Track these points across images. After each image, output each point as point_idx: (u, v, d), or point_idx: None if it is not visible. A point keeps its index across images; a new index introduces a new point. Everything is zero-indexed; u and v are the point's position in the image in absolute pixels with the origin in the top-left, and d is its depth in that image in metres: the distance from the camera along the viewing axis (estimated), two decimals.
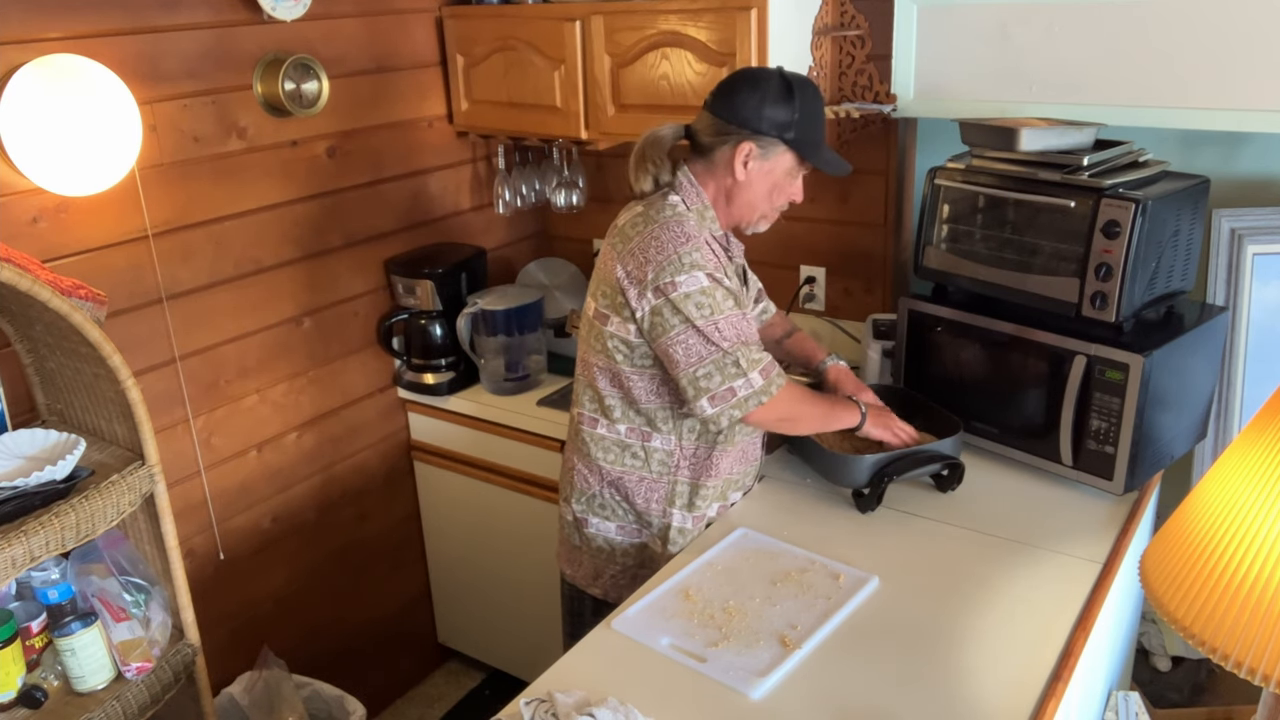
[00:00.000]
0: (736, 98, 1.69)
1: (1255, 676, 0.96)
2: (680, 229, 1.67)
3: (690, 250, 1.65)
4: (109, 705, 1.71)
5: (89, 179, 1.91)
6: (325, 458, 2.58)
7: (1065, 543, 1.72)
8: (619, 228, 1.75)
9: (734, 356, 1.66)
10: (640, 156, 1.74)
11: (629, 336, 1.72)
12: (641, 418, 1.79)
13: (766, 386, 1.68)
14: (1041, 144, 1.84)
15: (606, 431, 1.81)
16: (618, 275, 1.70)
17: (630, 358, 1.74)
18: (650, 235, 1.67)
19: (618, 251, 1.71)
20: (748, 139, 1.69)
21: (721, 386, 1.66)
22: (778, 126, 1.69)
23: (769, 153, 1.71)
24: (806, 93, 1.71)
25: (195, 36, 2.11)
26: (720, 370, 1.66)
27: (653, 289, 1.66)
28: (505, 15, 2.49)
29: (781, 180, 1.75)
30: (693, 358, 1.66)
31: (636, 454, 1.80)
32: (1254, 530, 0.98)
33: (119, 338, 2.01)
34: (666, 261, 1.65)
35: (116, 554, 1.78)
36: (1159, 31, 1.89)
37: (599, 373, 1.79)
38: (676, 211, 1.70)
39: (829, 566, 1.67)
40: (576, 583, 1.93)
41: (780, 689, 1.41)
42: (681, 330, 1.65)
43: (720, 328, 1.65)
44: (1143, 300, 1.78)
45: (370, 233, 2.57)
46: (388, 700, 2.89)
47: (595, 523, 1.86)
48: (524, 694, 1.38)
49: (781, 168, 1.74)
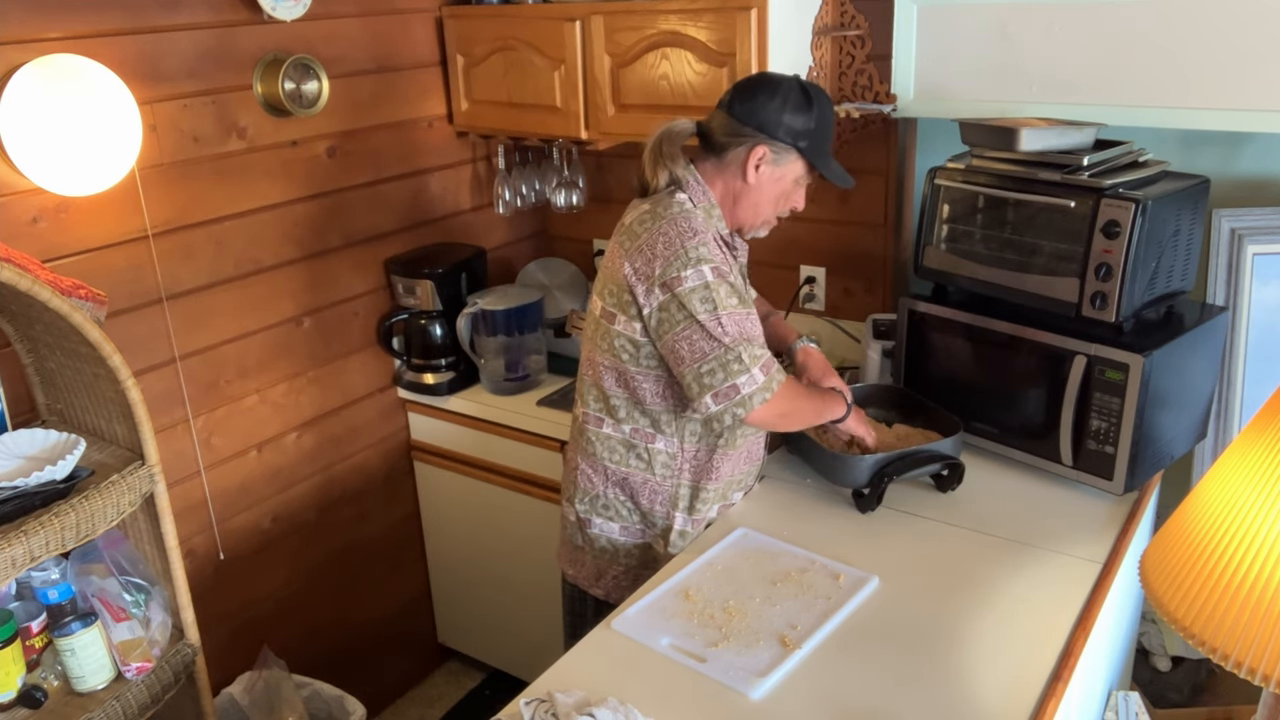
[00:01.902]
0: (756, 100, 1.70)
1: (1255, 676, 0.96)
2: (688, 224, 1.67)
3: (697, 245, 1.66)
4: (109, 705, 1.71)
5: (89, 179, 1.91)
6: (325, 458, 2.58)
7: (1065, 543, 1.72)
8: (626, 226, 1.75)
9: (736, 352, 1.66)
10: (656, 150, 1.74)
11: (635, 335, 1.72)
12: (646, 419, 1.79)
13: (768, 383, 1.68)
14: (1041, 144, 1.84)
15: (612, 431, 1.81)
16: (625, 273, 1.70)
17: (636, 357, 1.74)
18: (658, 231, 1.68)
19: (625, 249, 1.71)
20: (763, 143, 1.70)
21: (725, 384, 1.66)
22: (793, 134, 1.70)
23: (781, 159, 1.72)
24: (823, 103, 1.73)
25: (195, 36, 2.11)
26: (724, 367, 1.66)
27: (660, 284, 1.66)
28: (505, 15, 2.49)
29: (789, 187, 1.77)
30: (697, 354, 1.66)
31: (641, 455, 1.80)
32: (1254, 530, 0.98)
33: (119, 338, 2.01)
34: (674, 256, 1.65)
35: (116, 554, 1.78)
36: (1159, 31, 1.89)
37: (605, 372, 1.79)
38: (684, 208, 1.70)
39: (829, 566, 1.67)
40: (578, 583, 1.93)
41: (780, 689, 1.41)
42: (686, 326, 1.65)
43: (724, 323, 1.65)
44: (1143, 300, 1.78)
45: (370, 233, 2.57)
46: (388, 700, 2.88)
47: (598, 523, 1.86)
48: (524, 694, 1.38)
49: (791, 175, 1.75)
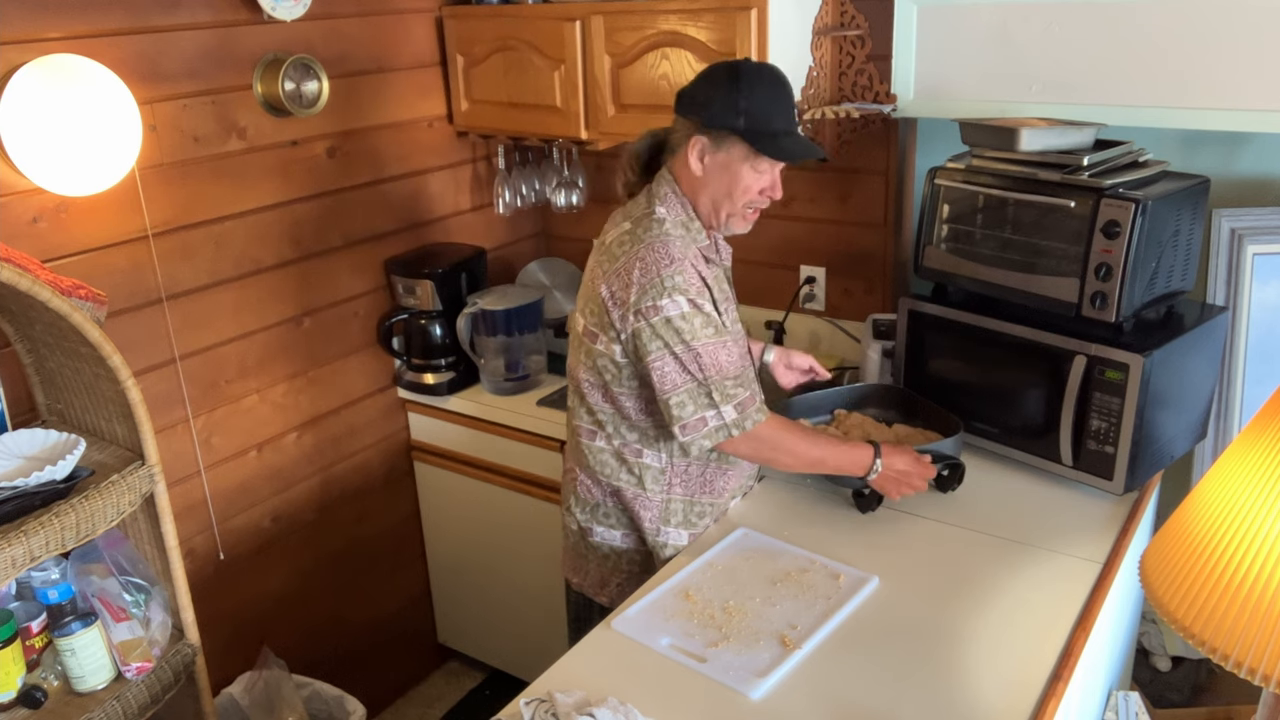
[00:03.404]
0: (694, 90, 1.66)
1: (1255, 676, 0.96)
2: (665, 250, 1.64)
3: (674, 273, 1.62)
4: (109, 705, 1.71)
5: (89, 179, 1.91)
6: (325, 458, 2.58)
7: (1065, 543, 1.72)
8: (606, 245, 1.73)
9: (707, 388, 1.63)
10: (631, 156, 1.79)
11: (616, 356, 1.70)
12: (634, 433, 1.77)
13: (739, 420, 1.65)
14: (1041, 144, 1.84)
15: (604, 444, 1.79)
16: (602, 295, 1.68)
17: (619, 377, 1.72)
18: (635, 256, 1.65)
19: (604, 270, 1.69)
20: (697, 131, 1.65)
21: (693, 416, 1.64)
22: (727, 115, 1.62)
23: (720, 144, 1.65)
24: (757, 79, 1.63)
25: (195, 36, 2.11)
26: (693, 399, 1.64)
27: (634, 311, 1.63)
28: (505, 15, 2.49)
29: (741, 173, 1.66)
30: (667, 384, 1.64)
31: (632, 469, 1.78)
32: (1254, 530, 0.98)
33: (119, 338, 2.00)
34: (649, 284, 1.62)
35: (116, 554, 1.78)
36: (1159, 31, 1.88)
37: (590, 388, 1.77)
38: (663, 229, 1.67)
39: (829, 566, 1.67)
40: (584, 591, 1.91)
41: (780, 689, 1.41)
42: (659, 355, 1.63)
43: (699, 355, 1.62)
44: (1143, 300, 1.78)
45: (370, 233, 2.57)
46: (388, 700, 2.88)
47: (600, 531, 1.84)
48: (524, 694, 1.38)
49: (737, 159, 1.65)
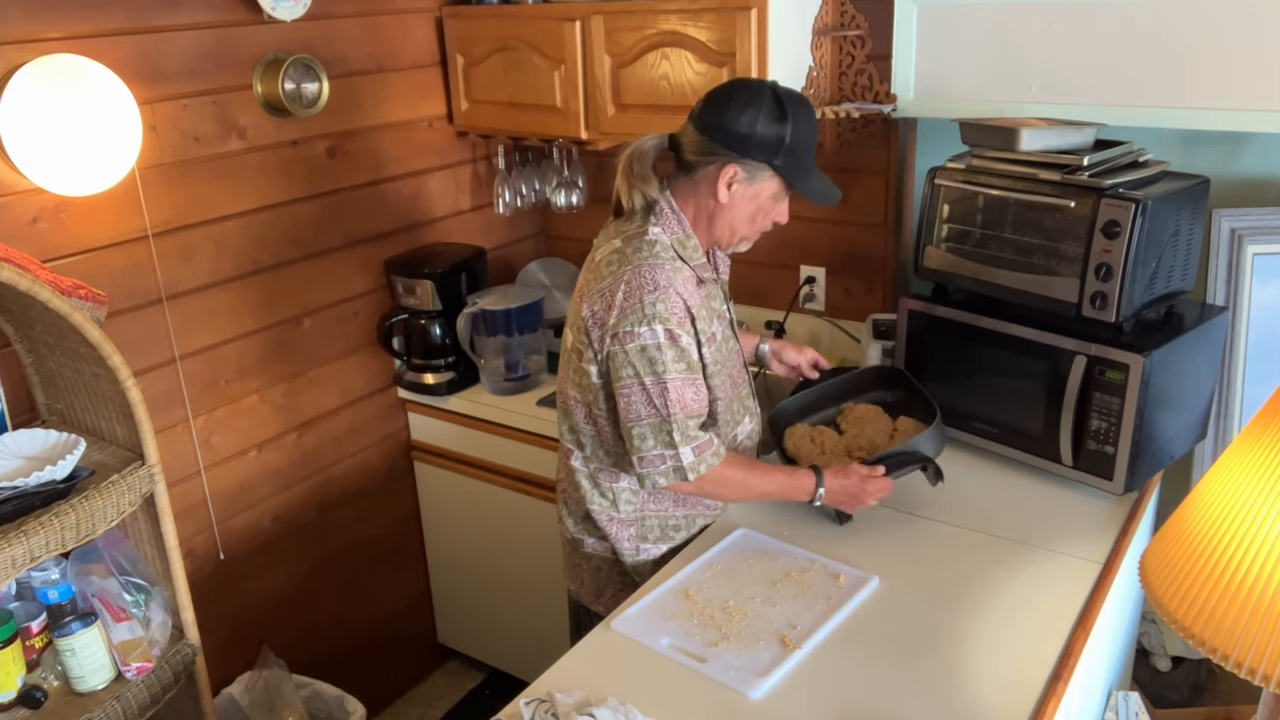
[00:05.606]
0: (725, 115, 1.58)
1: (1255, 676, 0.96)
2: (651, 275, 1.59)
3: (655, 300, 1.57)
4: (109, 705, 1.71)
5: (89, 179, 1.91)
6: (325, 458, 2.58)
7: (1065, 543, 1.72)
8: (595, 263, 1.69)
9: (669, 426, 1.60)
10: (627, 171, 1.64)
11: (593, 377, 1.68)
12: (610, 458, 1.74)
13: (695, 464, 1.63)
14: (1041, 144, 1.84)
15: (580, 465, 1.77)
16: (584, 314, 1.65)
17: (598, 398, 1.69)
18: (620, 278, 1.60)
19: (590, 289, 1.66)
20: (733, 161, 1.59)
21: (652, 451, 1.62)
22: (767, 150, 1.58)
23: (755, 177, 1.61)
24: (800, 114, 1.60)
25: (195, 36, 2.11)
26: (654, 434, 1.61)
27: (611, 335, 1.60)
28: (505, 15, 2.49)
29: (766, 205, 1.66)
30: (632, 414, 1.62)
31: (605, 493, 1.76)
32: (1254, 530, 0.98)
33: (119, 338, 2.00)
34: (630, 309, 1.58)
35: (116, 554, 1.78)
36: (1159, 31, 1.89)
37: (575, 405, 1.75)
38: (654, 251, 1.62)
39: (829, 566, 1.67)
40: (581, 599, 1.91)
41: (780, 689, 1.41)
42: (628, 383, 1.61)
43: (666, 390, 1.59)
44: (1143, 300, 1.78)
45: (370, 233, 2.57)
46: (388, 700, 2.88)
47: (591, 543, 1.83)
48: (524, 694, 1.38)
49: (766, 193, 1.64)
